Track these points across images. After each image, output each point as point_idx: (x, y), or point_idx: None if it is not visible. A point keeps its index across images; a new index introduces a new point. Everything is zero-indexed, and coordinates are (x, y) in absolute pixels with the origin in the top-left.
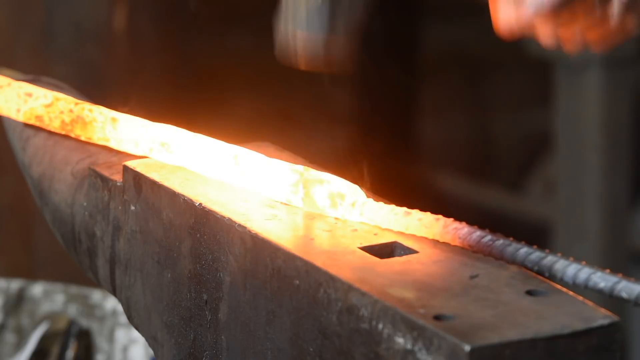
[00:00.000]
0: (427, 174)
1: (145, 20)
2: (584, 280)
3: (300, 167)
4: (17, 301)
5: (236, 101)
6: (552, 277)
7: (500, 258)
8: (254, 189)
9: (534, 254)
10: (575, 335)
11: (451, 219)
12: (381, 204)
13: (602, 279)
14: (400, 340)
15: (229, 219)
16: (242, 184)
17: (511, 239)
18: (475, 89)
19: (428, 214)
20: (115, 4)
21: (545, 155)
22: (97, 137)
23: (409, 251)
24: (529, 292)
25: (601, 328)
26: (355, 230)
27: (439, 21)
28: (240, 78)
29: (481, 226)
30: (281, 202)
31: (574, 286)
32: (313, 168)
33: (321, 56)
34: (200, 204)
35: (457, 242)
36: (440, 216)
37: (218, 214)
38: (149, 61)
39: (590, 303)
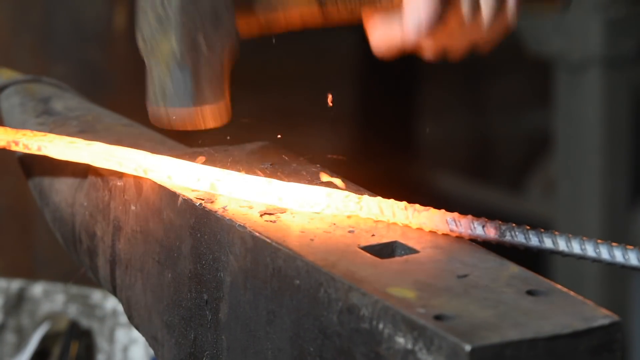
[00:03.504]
0: (427, 174)
1: None
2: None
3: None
4: (17, 301)
5: (236, 101)
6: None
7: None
8: None
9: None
10: (576, 335)
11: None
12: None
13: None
14: (400, 340)
15: (230, 219)
16: None
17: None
18: (475, 88)
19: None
20: (115, 4)
21: (545, 155)
22: None
23: (410, 251)
24: (529, 292)
25: (601, 328)
26: (355, 230)
27: None
28: (240, 78)
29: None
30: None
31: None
32: (313, 168)
33: (194, 124)
34: (200, 204)
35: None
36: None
37: (218, 214)
38: None
39: (590, 303)
